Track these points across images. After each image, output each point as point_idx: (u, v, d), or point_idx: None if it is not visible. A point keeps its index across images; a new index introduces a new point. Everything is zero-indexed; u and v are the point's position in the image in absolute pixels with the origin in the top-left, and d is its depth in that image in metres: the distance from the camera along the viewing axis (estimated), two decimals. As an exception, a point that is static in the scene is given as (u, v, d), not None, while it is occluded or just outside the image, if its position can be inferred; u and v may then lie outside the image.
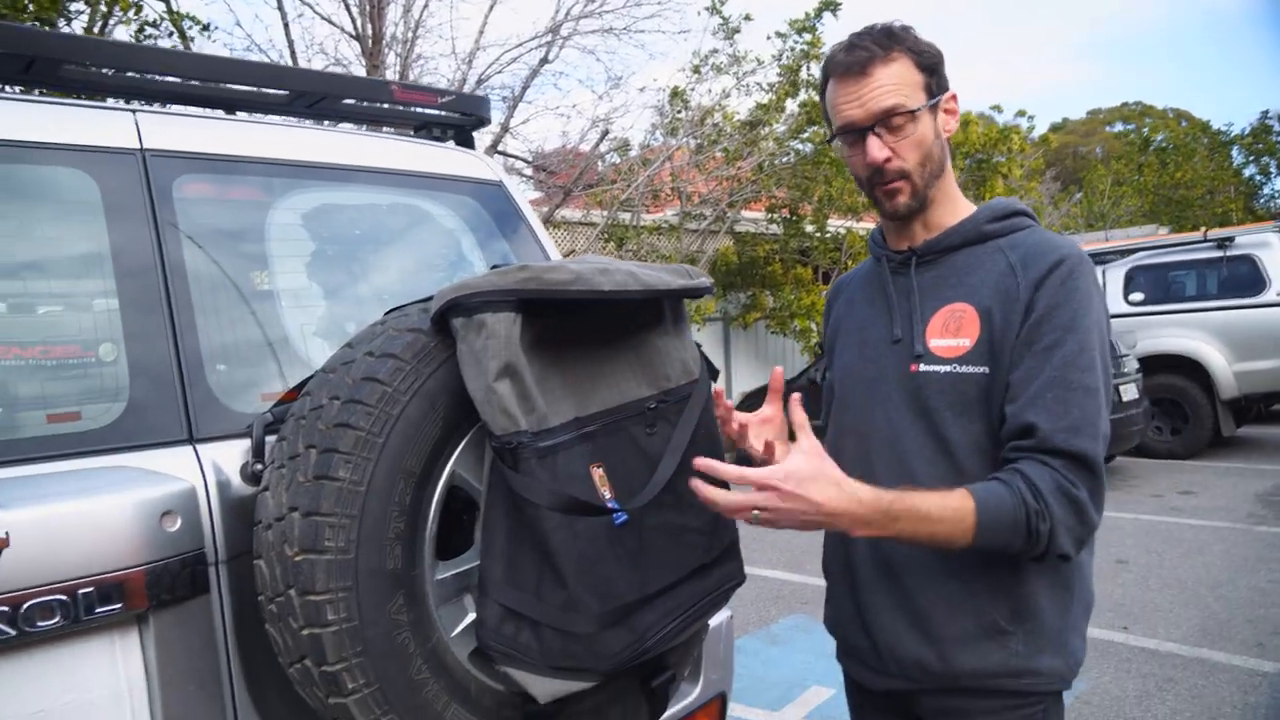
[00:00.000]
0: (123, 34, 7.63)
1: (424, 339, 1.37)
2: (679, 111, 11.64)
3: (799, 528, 1.27)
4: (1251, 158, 28.36)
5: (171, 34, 7.76)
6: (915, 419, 1.45)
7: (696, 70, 11.63)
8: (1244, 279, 9.20)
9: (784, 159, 12.14)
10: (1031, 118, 19.40)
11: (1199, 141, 26.86)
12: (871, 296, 1.60)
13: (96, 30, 7.11)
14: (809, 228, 12.66)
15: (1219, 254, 9.40)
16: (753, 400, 10.03)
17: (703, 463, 1.26)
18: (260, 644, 1.37)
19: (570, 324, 1.47)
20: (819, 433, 1.57)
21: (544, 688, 1.33)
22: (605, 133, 10.34)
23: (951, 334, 1.44)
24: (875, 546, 1.50)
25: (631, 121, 36.71)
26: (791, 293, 12.51)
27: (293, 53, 8.45)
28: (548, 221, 10.25)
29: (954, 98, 1.49)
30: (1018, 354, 1.36)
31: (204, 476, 1.44)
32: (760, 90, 11.85)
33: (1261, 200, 28.05)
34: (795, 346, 13.36)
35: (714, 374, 1.66)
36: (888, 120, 1.41)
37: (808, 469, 1.24)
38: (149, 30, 7.62)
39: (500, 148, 9.89)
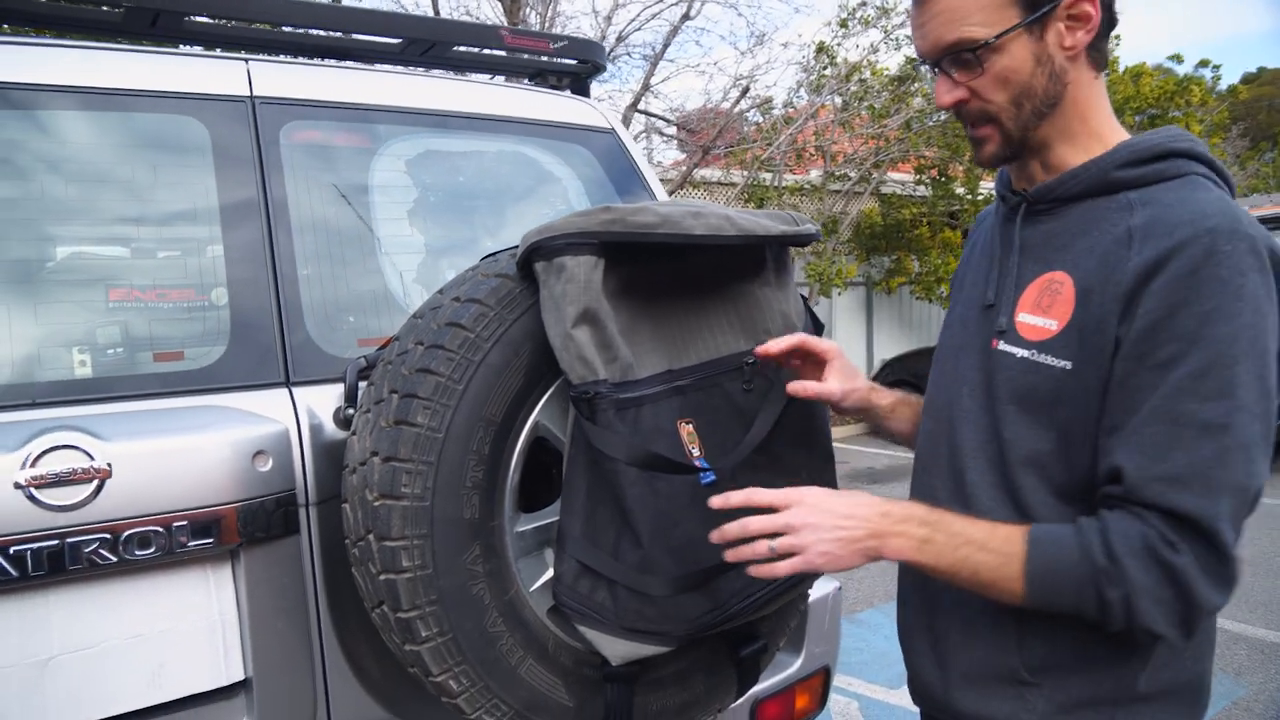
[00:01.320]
0: None
1: (509, 284, 1.33)
2: (824, 68, 11.26)
3: (831, 559, 1.08)
4: None
5: None
6: (983, 408, 1.16)
7: (844, 24, 11.20)
8: None
9: (934, 117, 11.57)
10: (1217, 67, 17.75)
11: None
12: (985, 245, 1.29)
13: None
14: (959, 189, 12.06)
15: None
16: (895, 368, 9.69)
17: (716, 500, 1.14)
18: (348, 586, 1.38)
19: (663, 271, 1.40)
20: None
21: (616, 649, 1.28)
22: (745, 90, 10.10)
23: (1042, 311, 1.12)
24: None
25: (775, 79, 36.04)
26: (939, 257, 11.99)
27: (436, 11, 8.63)
28: (686, 181, 10.16)
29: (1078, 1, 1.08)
30: (1121, 367, 1.02)
31: (297, 419, 1.45)
32: (910, 44, 11.32)
33: None
34: (941, 313, 12.82)
35: (819, 329, 1.55)
36: (955, 55, 1.10)
37: (816, 490, 1.12)
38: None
39: (641, 106, 9.84)
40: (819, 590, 2.00)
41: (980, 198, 12.07)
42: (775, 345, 1.35)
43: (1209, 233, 0.99)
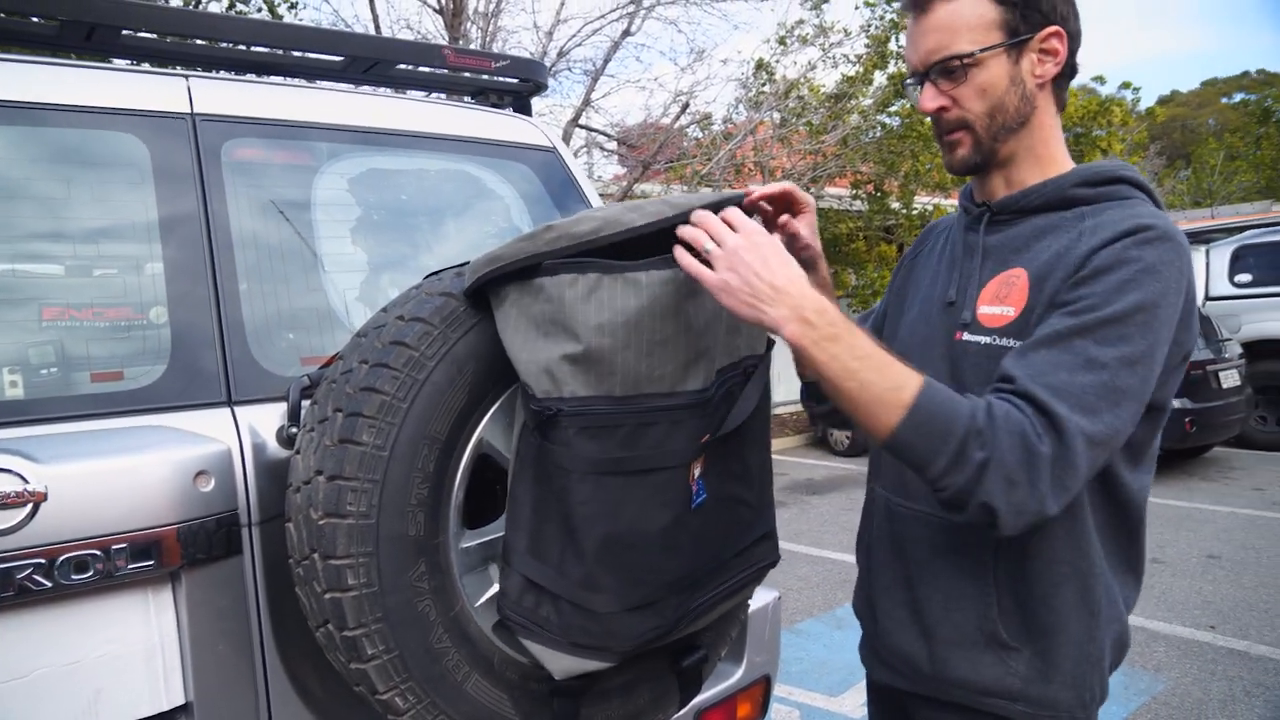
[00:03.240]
0: (216, 8, 7.87)
1: (453, 303, 1.34)
2: (763, 85, 11.44)
3: (722, 290, 1.11)
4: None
5: (261, 9, 7.96)
6: None
7: (782, 42, 11.40)
8: (1364, 260, 8.61)
9: (870, 134, 11.83)
10: (1137, 90, 18.50)
11: (1325, 113, 25.18)
12: (946, 251, 1.44)
13: (191, 3, 7.34)
14: (895, 204, 12.34)
15: (1338, 233, 8.81)
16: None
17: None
18: (291, 607, 1.37)
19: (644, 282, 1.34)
20: None
21: (561, 663, 1.30)
22: (685, 106, 10.20)
23: (999, 301, 1.26)
24: (891, 520, 1.40)
25: (714, 95, 36.37)
26: (875, 271, 12.24)
27: (377, 27, 8.56)
28: (626, 195, 10.21)
29: (1058, 35, 1.25)
30: (1045, 314, 1.17)
31: (240, 438, 1.45)
32: (847, 62, 11.56)
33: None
34: (877, 325, 13.07)
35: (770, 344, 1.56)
36: (943, 66, 1.25)
37: (780, 245, 1.13)
38: (240, 6, 7.83)
39: (582, 121, 9.87)
40: (759, 600, 2.04)
41: (915, 212, 12.37)
42: (765, 190, 1.38)
43: (1146, 228, 1.16)
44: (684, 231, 1.18)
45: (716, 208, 1.34)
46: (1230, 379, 7.91)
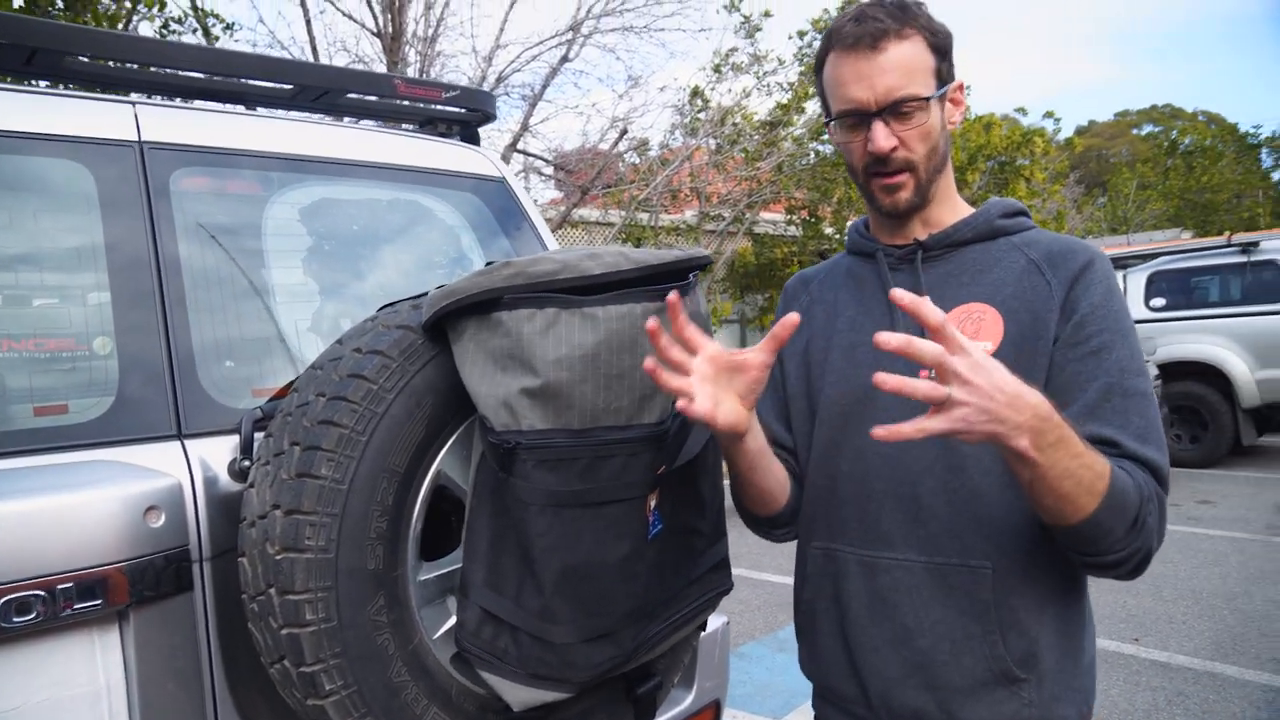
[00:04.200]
0: (147, 30, 7.70)
1: (412, 336, 1.35)
2: (699, 111, 11.62)
3: (972, 428, 1.00)
4: (1280, 163, 28.03)
5: (196, 30, 7.82)
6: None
7: (717, 69, 11.60)
8: (1268, 285, 9.08)
9: (803, 160, 12.09)
10: (1058, 120, 19.25)
11: (1227, 145, 26.58)
12: (860, 297, 1.42)
13: (121, 26, 7.18)
14: (828, 229, 12.61)
15: (1243, 259, 9.27)
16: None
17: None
18: (243, 643, 1.35)
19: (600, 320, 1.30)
20: (782, 455, 1.44)
21: (519, 695, 1.31)
22: (624, 132, 10.31)
23: (971, 335, 1.27)
24: (872, 577, 1.33)
25: (651, 121, 36.74)
26: (809, 294, 12.44)
27: (314, 49, 8.48)
28: (565, 221, 10.25)
29: (961, 87, 1.34)
30: (1061, 356, 1.24)
31: (191, 472, 1.43)
32: (780, 90, 11.81)
33: (1289, 206, 27.66)
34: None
35: None
36: (898, 107, 1.26)
37: (996, 363, 1.03)
38: (173, 26, 7.68)
39: (520, 146, 9.89)
40: (708, 625, 2.07)
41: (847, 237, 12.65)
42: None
43: (1097, 257, 1.28)
44: (896, 346, 1.01)
45: (677, 267, 1.37)
46: (1148, 400, 8.23)
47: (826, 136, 12.08)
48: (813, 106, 11.91)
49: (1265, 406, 9.16)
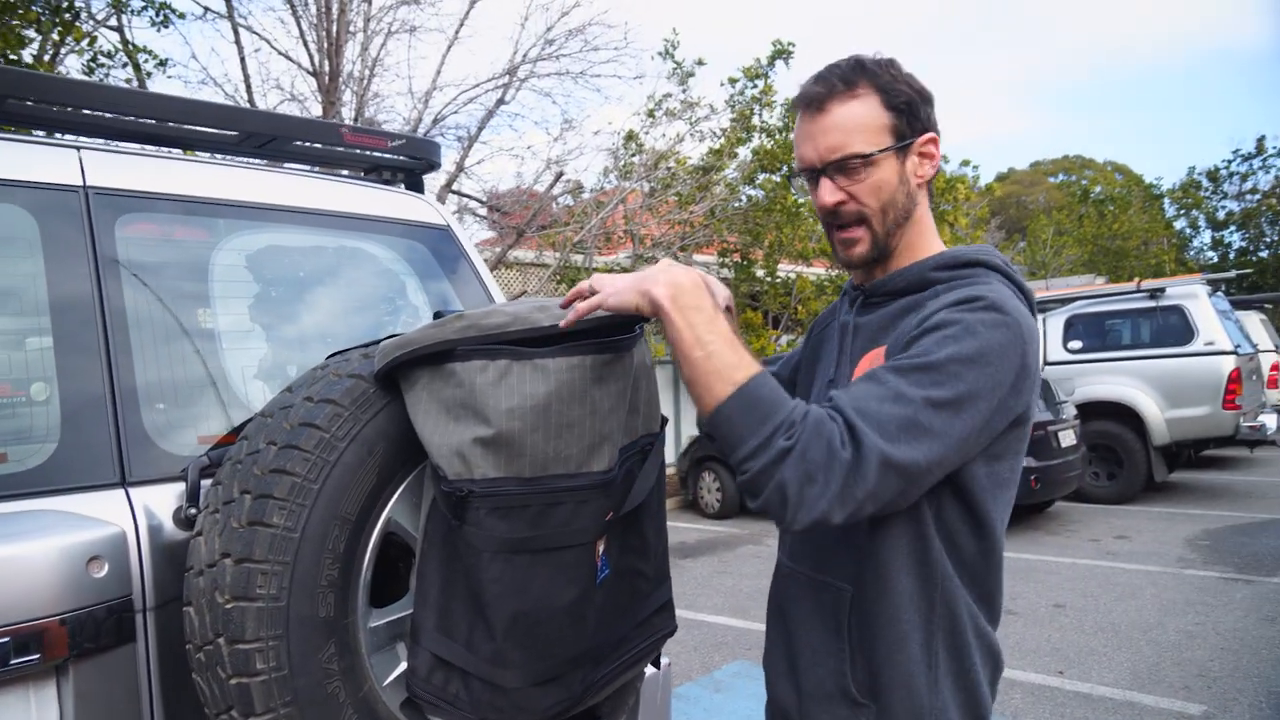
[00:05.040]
0: (75, 64, 7.56)
1: (363, 385, 1.37)
2: (633, 155, 11.79)
3: (619, 293, 1.23)
4: (1181, 211, 29.58)
5: (125, 65, 7.69)
6: None
7: (650, 114, 11.80)
8: (1174, 329, 9.57)
9: (736, 204, 12.33)
10: (976, 168, 20.00)
11: (1134, 194, 27.92)
12: (829, 334, 1.53)
13: (48, 59, 7.02)
14: (760, 272, 12.83)
15: (1151, 304, 9.76)
16: (703, 444, 10.06)
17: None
18: (187, 695, 1.34)
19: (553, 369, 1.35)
20: None
21: (471, 739, 1.32)
22: (560, 174, 10.41)
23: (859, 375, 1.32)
24: (779, 581, 1.49)
25: (586, 164, 37.06)
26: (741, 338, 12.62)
27: (249, 88, 8.41)
28: (500, 262, 10.27)
29: (933, 140, 1.37)
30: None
31: (135, 521, 1.41)
32: (713, 136, 12.06)
33: (1191, 252, 29.19)
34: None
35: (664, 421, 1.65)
36: (842, 164, 1.32)
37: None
38: (102, 60, 7.55)
39: (455, 187, 9.91)
40: (651, 668, 2.09)
41: (779, 280, 12.89)
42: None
43: (976, 297, 1.24)
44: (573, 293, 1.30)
45: (613, 321, 1.40)
46: (1068, 438, 8.54)
47: (758, 182, 12.37)
48: (744, 152, 12.19)
49: (1174, 444, 9.59)
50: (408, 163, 2.32)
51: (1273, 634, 5.21)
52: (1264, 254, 27.92)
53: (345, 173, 2.39)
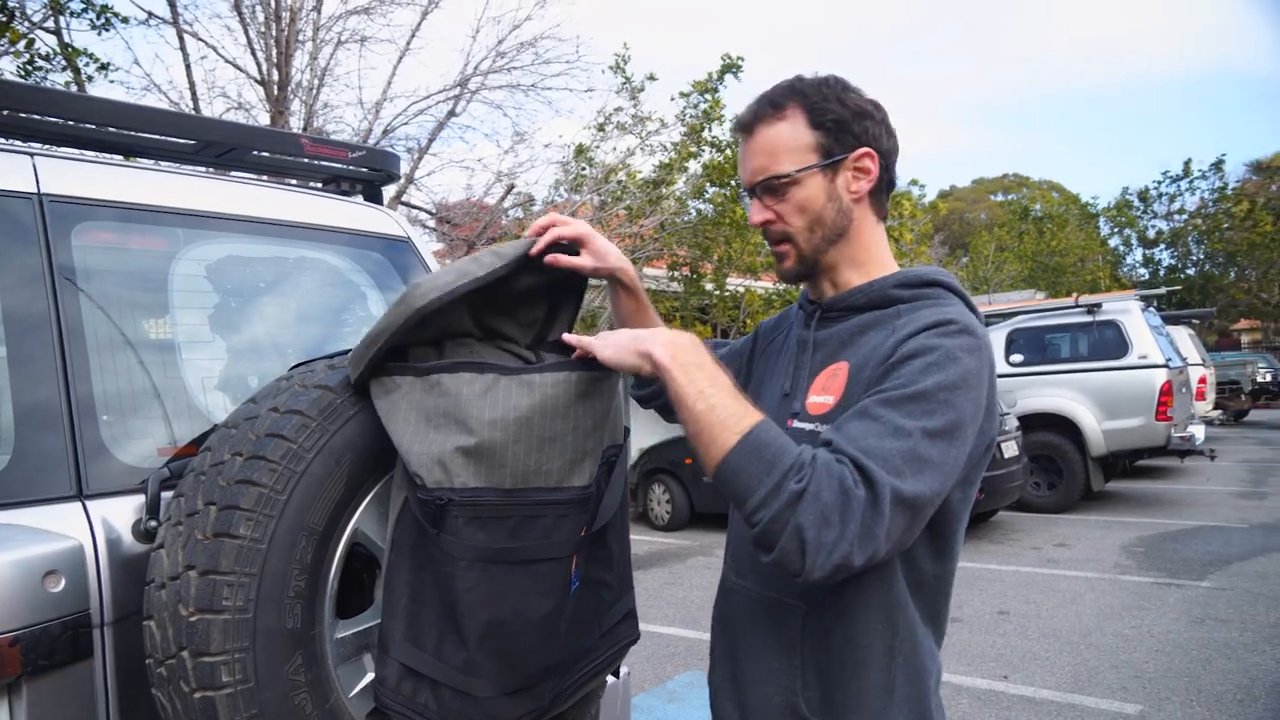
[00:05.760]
0: (9, 67, 7.35)
1: (330, 396, 1.37)
2: (583, 169, 11.83)
3: (616, 348, 1.28)
4: (1115, 229, 30.55)
5: (64, 68, 7.51)
6: None
7: (601, 128, 11.86)
8: (1110, 343, 9.88)
9: (685, 218, 12.44)
10: (922, 185, 20.42)
11: (1071, 212, 28.78)
12: (782, 346, 1.54)
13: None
14: (709, 286, 12.95)
15: (1089, 319, 10.07)
16: (652, 456, 10.09)
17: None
18: (146, 711, 1.32)
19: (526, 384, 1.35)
20: None
21: (440, 748, 1.32)
22: (511, 187, 10.39)
23: (824, 392, 1.35)
24: (724, 596, 1.48)
25: (536, 177, 37.08)
26: (691, 349, 12.69)
27: (194, 95, 8.26)
28: (450, 272, 10.20)
29: (868, 155, 1.35)
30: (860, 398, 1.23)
31: (93, 534, 1.39)
32: (663, 150, 12.16)
33: (1124, 269, 30.17)
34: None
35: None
36: (767, 184, 1.36)
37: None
38: (40, 64, 7.36)
39: (404, 198, 9.83)
40: (611, 678, 2.10)
41: (727, 293, 13.02)
42: (543, 241, 1.44)
43: (949, 321, 1.24)
44: (569, 338, 1.38)
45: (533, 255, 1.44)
46: (1011, 449, 8.76)
47: (707, 196, 12.49)
48: (694, 166, 12.30)
49: (1111, 454, 9.89)
50: (367, 174, 2.31)
51: (1201, 635, 5.40)
52: (1191, 272, 29.00)
53: (294, 182, 2.37)
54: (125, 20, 7.68)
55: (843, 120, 1.34)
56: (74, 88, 7.45)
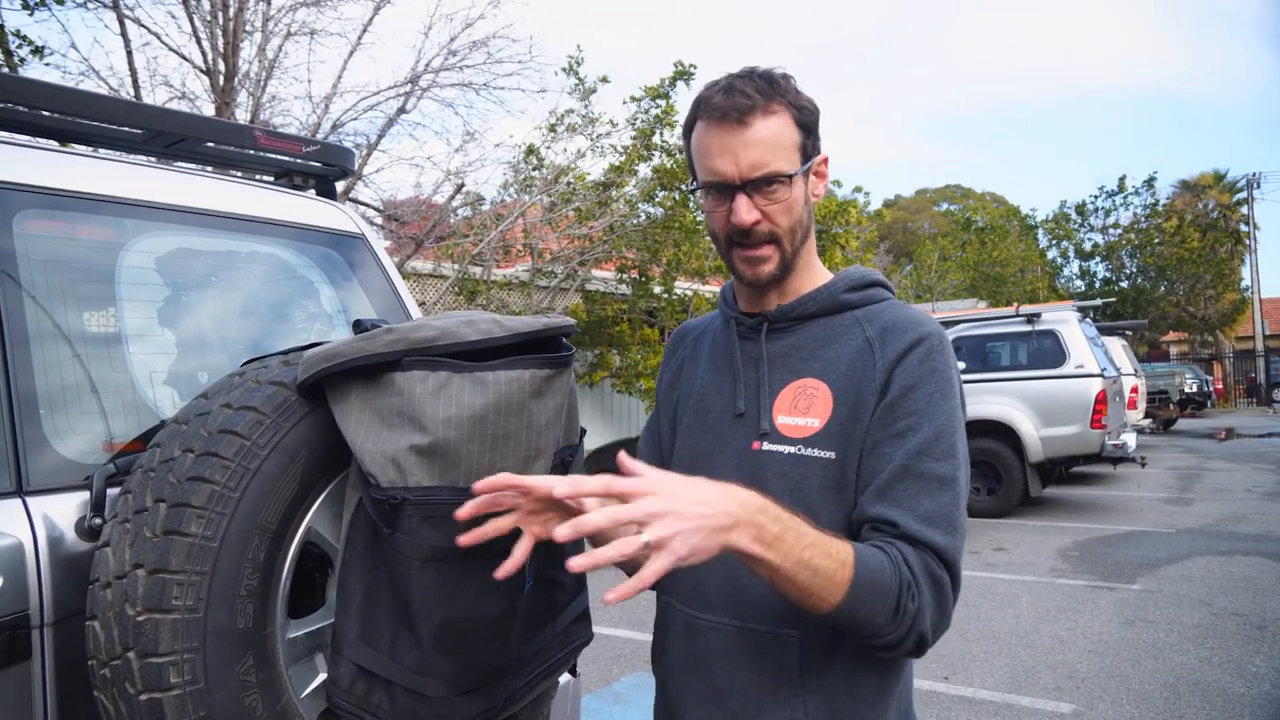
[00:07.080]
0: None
1: (285, 392, 1.35)
2: (533, 169, 11.77)
3: (695, 549, 1.00)
4: (1053, 241, 31.41)
5: (-7, 51, 7.26)
6: None
7: (552, 129, 11.81)
8: (1049, 352, 10.15)
9: (635, 221, 12.45)
10: (868, 193, 20.76)
11: (1011, 224, 29.50)
12: (717, 361, 1.44)
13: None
14: (657, 289, 12.97)
15: (1028, 329, 10.33)
16: (598, 458, 10.09)
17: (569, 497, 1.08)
18: (87, 714, 1.28)
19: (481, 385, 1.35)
20: None
21: (393, 748, 1.31)
22: (460, 186, 10.31)
23: (801, 412, 1.29)
24: (691, 635, 1.34)
25: (486, 176, 36.80)
26: (638, 353, 12.73)
27: (135, 83, 8.02)
28: (398, 272, 10.10)
29: (826, 161, 1.35)
30: (871, 439, 1.23)
31: (33, 531, 1.35)
32: (614, 152, 12.15)
33: (1061, 280, 31.02)
34: (640, 405, 13.57)
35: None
36: (763, 182, 1.26)
37: (672, 476, 1.06)
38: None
39: (352, 195, 9.69)
40: (561, 678, 2.10)
41: (676, 296, 13.05)
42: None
43: (928, 335, 1.27)
44: (595, 526, 0.99)
45: (546, 334, 1.42)
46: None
47: (657, 200, 12.52)
48: (644, 169, 12.32)
49: (1048, 461, 10.14)
50: (320, 169, 2.28)
51: (1131, 636, 5.58)
52: (1124, 284, 29.93)
53: (238, 174, 2.32)
54: (60, 1, 7.45)
55: (813, 123, 1.32)
56: (4, 70, 7.20)
